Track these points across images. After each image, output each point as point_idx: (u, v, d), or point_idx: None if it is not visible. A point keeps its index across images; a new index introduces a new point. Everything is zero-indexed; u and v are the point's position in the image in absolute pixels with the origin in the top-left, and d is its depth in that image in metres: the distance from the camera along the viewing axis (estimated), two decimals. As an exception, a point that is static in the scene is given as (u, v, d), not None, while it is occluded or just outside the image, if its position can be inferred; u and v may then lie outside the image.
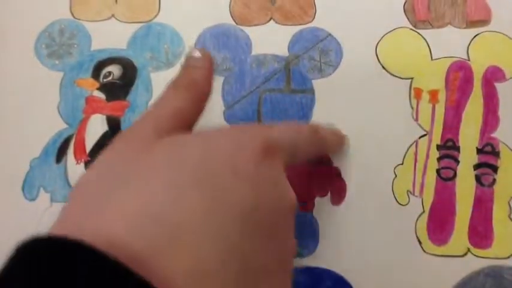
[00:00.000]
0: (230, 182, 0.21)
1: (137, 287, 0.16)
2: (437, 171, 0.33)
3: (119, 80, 0.35)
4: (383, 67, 0.35)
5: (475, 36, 0.35)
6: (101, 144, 0.34)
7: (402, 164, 0.33)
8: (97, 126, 0.35)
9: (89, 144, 0.34)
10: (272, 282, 0.22)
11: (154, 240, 0.18)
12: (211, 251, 0.19)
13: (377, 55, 0.35)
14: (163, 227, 0.18)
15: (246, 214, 0.20)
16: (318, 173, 0.33)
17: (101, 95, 0.35)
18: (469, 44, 0.35)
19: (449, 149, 0.33)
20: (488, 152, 0.33)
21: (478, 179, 0.33)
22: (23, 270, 0.16)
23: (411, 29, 0.36)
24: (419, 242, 0.32)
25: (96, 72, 0.36)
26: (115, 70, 0.36)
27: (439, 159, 0.33)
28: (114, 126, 0.35)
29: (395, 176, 0.33)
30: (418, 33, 0.36)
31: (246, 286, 0.20)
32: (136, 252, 0.17)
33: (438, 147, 0.33)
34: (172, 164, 0.21)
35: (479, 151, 0.33)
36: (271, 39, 0.36)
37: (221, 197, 0.20)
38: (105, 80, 0.35)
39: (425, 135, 0.34)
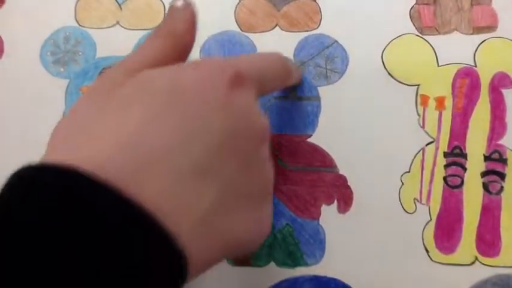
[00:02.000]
0: (202, 110, 0.21)
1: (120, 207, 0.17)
2: (445, 178, 0.33)
3: (124, 87, 0.35)
4: (389, 74, 0.35)
5: (481, 42, 0.35)
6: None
7: (409, 171, 0.33)
8: (102, 134, 0.35)
9: (94, 152, 0.34)
10: (252, 207, 0.23)
11: (132, 166, 0.19)
12: (188, 174, 0.20)
13: (383, 62, 0.35)
14: (140, 153, 0.19)
15: (220, 141, 0.21)
16: (324, 180, 0.33)
17: (106, 103, 0.35)
18: (476, 50, 0.35)
19: (456, 156, 0.33)
20: (495, 159, 0.33)
21: (485, 186, 0.33)
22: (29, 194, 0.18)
23: (417, 35, 0.35)
24: (427, 251, 0.32)
25: (101, 80, 0.35)
26: (120, 77, 0.35)
27: (446, 166, 0.33)
28: (119, 134, 0.35)
29: (402, 183, 0.33)
30: (424, 39, 0.35)
31: (226, 209, 0.21)
32: (119, 176, 0.18)
33: (445, 155, 0.33)
34: (143, 95, 0.21)
35: (487, 158, 0.33)
36: (276, 46, 0.36)
37: (193, 124, 0.21)
38: (110, 88, 0.35)
39: (432, 142, 0.33)
